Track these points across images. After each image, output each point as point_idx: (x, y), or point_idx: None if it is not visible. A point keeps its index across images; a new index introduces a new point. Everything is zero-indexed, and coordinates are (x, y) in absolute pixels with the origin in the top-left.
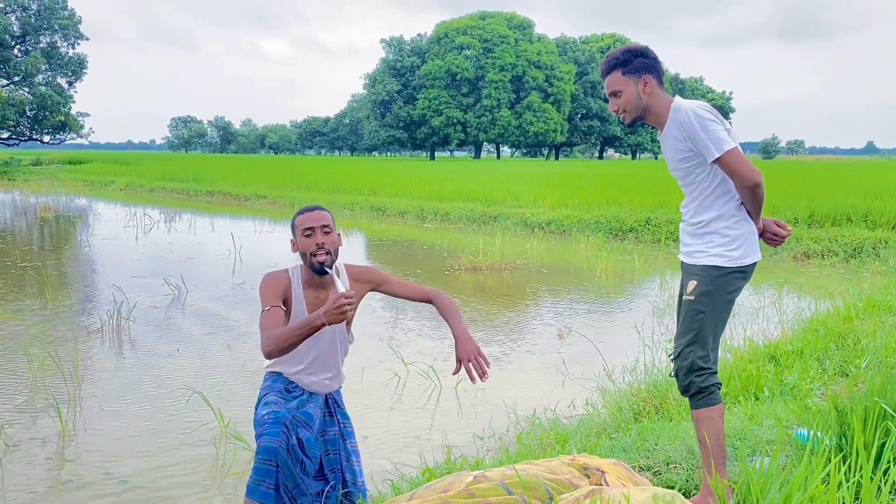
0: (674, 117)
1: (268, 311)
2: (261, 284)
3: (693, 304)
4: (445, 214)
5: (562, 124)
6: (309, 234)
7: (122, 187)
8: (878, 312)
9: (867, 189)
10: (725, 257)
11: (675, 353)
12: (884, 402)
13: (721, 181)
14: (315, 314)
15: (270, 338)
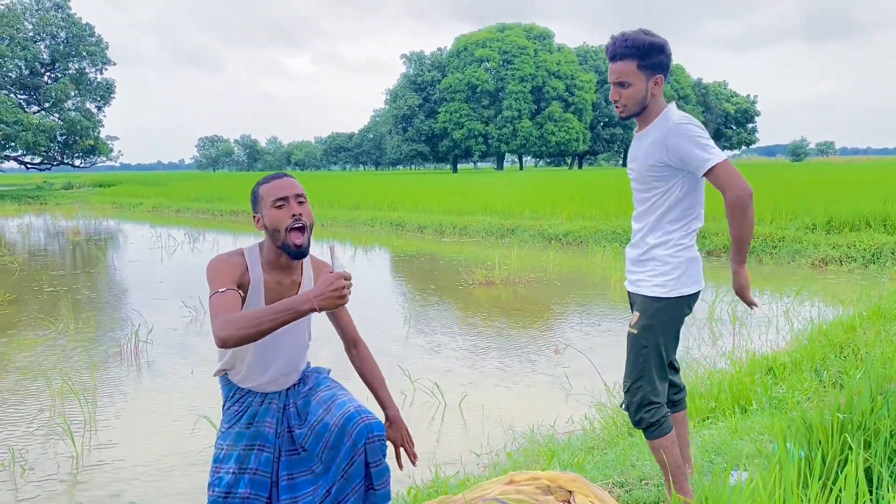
0: (664, 124)
1: (222, 292)
2: (210, 268)
3: (637, 339)
4: (464, 228)
5: (583, 133)
6: (281, 204)
7: (149, 209)
8: (882, 321)
9: (888, 193)
10: (665, 287)
11: (624, 388)
12: (845, 415)
13: (678, 204)
14: (302, 297)
15: (230, 321)
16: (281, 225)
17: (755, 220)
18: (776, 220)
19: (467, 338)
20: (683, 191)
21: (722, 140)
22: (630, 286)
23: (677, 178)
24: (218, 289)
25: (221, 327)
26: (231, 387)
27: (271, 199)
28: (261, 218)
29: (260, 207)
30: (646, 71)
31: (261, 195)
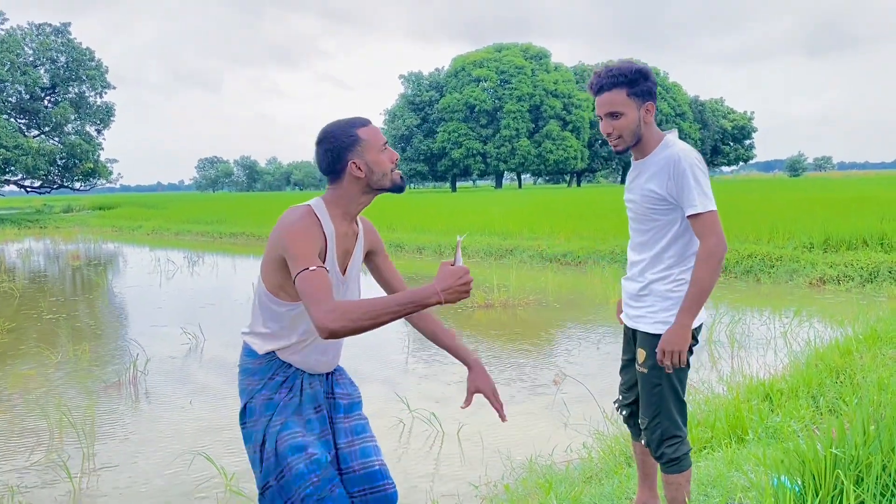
0: (664, 155)
1: (313, 270)
2: (288, 235)
3: (648, 378)
4: (462, 248)
5: (581, 151)
6: (385, 147)
7: (149, 231)
8: (878, 344)
9: (885, 212)
10: (668, 323)
11: (642, 425)
12: (839, 451)
13: (678, 239)
14: (427, 290)
15: (344, 311)
16: (388, 167)
17: (752, 239)
18: (774, 238)
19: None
20: (683, 226)
21: (719, 157)
22: (629, 321)
23: (677, 212)
24: (307, 265)
25: (333, 317)
26: (272, 365)
27: (380, 142)
28: (365, 164)
29: (362, 152)
30: (636, 98)
31: (365, 139)
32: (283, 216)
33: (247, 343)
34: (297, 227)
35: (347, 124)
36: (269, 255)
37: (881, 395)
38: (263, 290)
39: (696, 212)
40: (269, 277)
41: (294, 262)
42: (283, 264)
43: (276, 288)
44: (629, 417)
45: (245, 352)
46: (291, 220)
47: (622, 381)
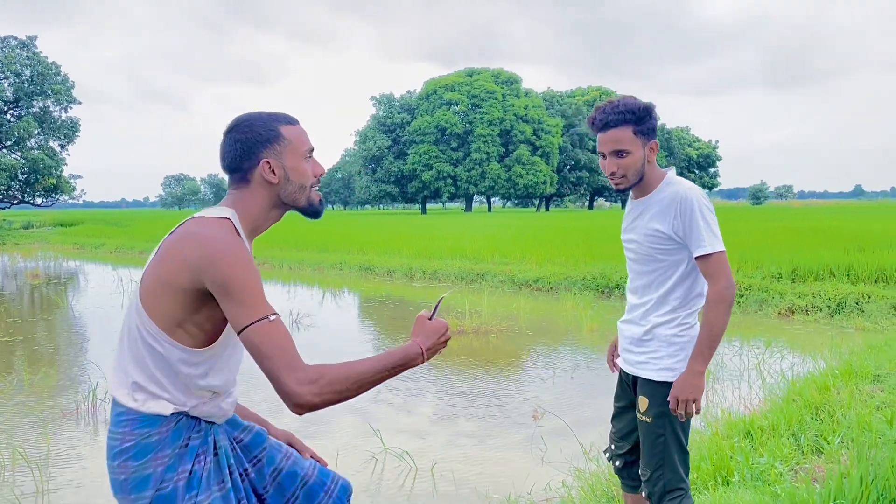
0: (669, 192)
1: (273, 321)
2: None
3: (652, 428)
4: (434, 272)
5: (551, 176)
6: (310, 155)
7: (112, 249)
8: (854, 380)
9: (849, 243)
10: (674, 371)
11: (643, 476)
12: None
13: (684, 281)
14: (412, 350)
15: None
16: (308, 180)
17: None
18: (742, 268)
19: (440, 394)
20: (689, 267)
21: None
22: (628, 367)
23: (683, 252)
24: (264, 312)
25: (315, 389)
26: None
27: (304, 147)
28: (281, 167)
29: (281, 152)
30: (642, 136)
31: (287, 139)
32: (202, 230)
33: (135, 408)
34: (237, 252)
35: (269, 117)
36: (170, 279)
37: (864, 434)
38: (150, 329)
39: (706, 252)
40: (161, 309)
41: (241, 305)
42: (195, 297)
43: (173, 325)
44: (622, 468)
45: (134, 421)
46: (226, 242)
47: (614, 429)
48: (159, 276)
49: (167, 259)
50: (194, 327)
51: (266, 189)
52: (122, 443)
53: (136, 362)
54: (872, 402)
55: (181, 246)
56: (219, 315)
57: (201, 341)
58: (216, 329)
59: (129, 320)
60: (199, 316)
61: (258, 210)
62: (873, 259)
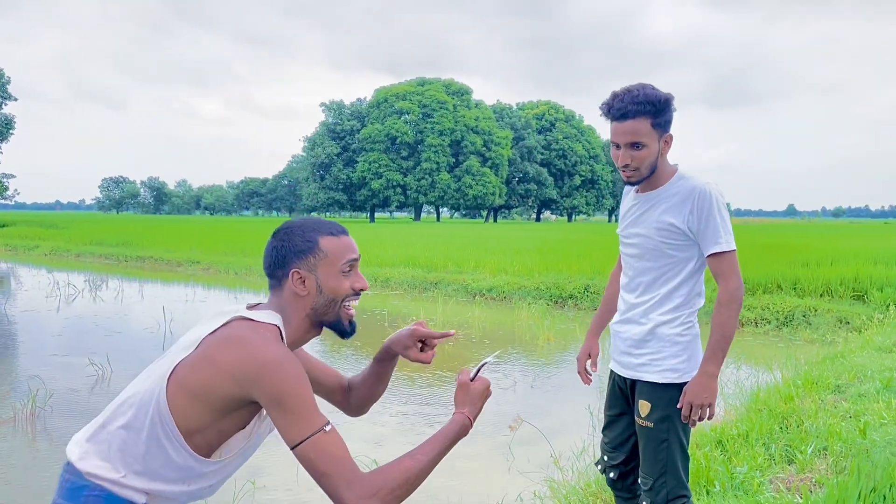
0: (684, 186)
1: (328, 432)
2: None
3: (654, 433)
4: (385, 281)
5: (500, 187)
6: (349, 270)
7: (47, 252)
8: (816, 390)
9: (794, 257)
10: (678, 371)
11: (645, 486)
12: None
13: (691, 278)
14: (460, 422)
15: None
16: (340, 296)
17: None
18: None
19: (400, 403)
20: (698, 264)
21: None
22: (627, 370)
23: (694, 249)
24: (319, 423)
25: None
26: None
27: (343, 260)
28: (315, 280)
29: (317, 265)
30: (659, 129)
31: (324, 250)
32: (253, 338)
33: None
34: (292, 365)
35: (313, 226)
36: (211, 385)
37: (837, 444)
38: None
39: (721, 250)
40: (188, 410)
41: (297, 419)
42: (232, 405)
43: (191, 430)
44: (616, 480)
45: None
46: (279, 354)
47: (607, 439)
48: (199, 378)
49: (210, 363)
50: (212, 434)
51: (298, 301)
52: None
53: (135, 452)
54: (837, 412)
55: (228, 352)
56: (240, 423)
57: (211, 449)
58: (226, 437)
59: (143, 405)
60: (224, 422)
61: (296, 324)
62: (818, 274)
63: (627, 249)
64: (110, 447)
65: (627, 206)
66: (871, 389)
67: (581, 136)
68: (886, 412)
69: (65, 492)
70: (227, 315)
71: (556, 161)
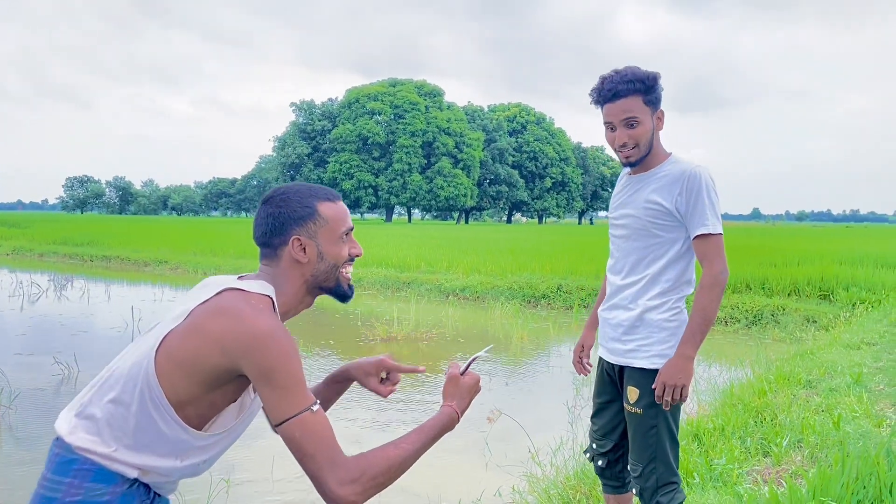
0: (675, 168)
1: (316, 412)
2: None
3: (643, 420)
4: (358, 280)
5: (471, 189)
6: (347, 236)
7: (8, 251)
8: (788, 385)
9: (762, 258)
10: (666, 357)
11: (634, 472)
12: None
13: (679, 260)
14: (448, 415)
15: (372, 475)
16: (340, 261)
17: None
18: None
19: (374, 401)
20: (684, 248)
21: (598, 201)
22: (616, 357)
23: (681, 230)
24: (307, 402)
25: (357, 490)
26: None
27: (343, 228)
28: (316, 246)
29: (317, 231)
30: (651, 106)
31: (324, 217)
32: (244, 309)
33: (100, 463)
34: (284, 338)
35: (308, 192)
36: (199, 356)
37: (811, 435)
38: (159, 399)
39: (707, 232)
40: (177, 382)
41: (285, 394)
42: (221, 377)
43: (182, 402)
44: (605, 468)
45: (90, 472)
46: (271, 326)
47: (595, 426)
48: (187, 349)
49: (199, 333)
50: (203, 406)
51: (296, 268)
52: (66, 496)
53: (120, 426)
54: (810, 406)
55: (217, 323)
56: (230, 397)
57: (202, 421)
58: (218, 410)
59: (130, 378)
60: (214, 395)
61: (291, 293)
62: (786, 273)
63: (616, 231)
64: (100, 421)
65: (619, 188)
66: (842, 384)
67: (552, 138)
68: (858, 405)
69: (54, 466)
70: (217, 286)
71: (527, 163)
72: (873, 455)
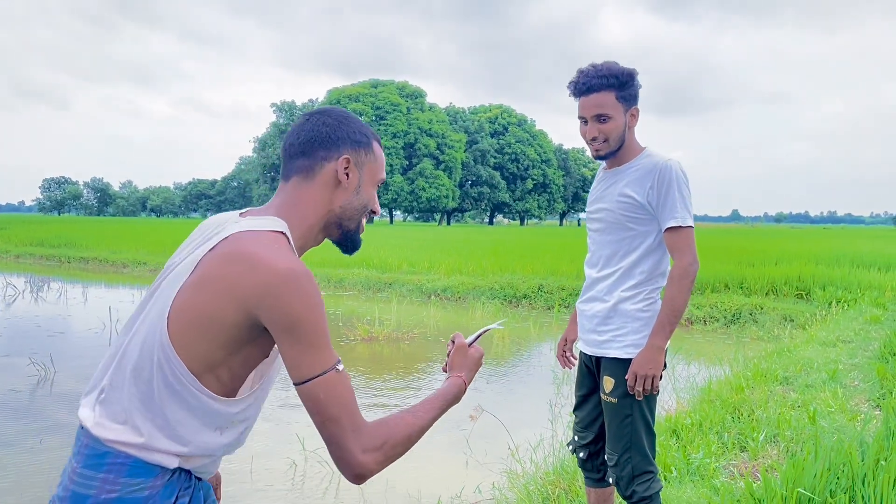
0: (648, 162)
1: (341, 372)
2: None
3: (618, 409)
4: (339, 281)
5: (453, 191)
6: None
7: None
8: (765, 382)
9: (741, 258)
10: (640, 346)
11: (610, 462)
12: (803, 488)
13: (652, 253)
14: (457, 385)
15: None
16: (371, 205)
17: None
18: None
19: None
20: (657, 241)
21: (579, 202)
22: (591, 348)
23: (653, 224)
24: (335, 361)
25: (378, 458)
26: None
27: (382, 174)
28: (359, 176)
29: (365, 164)
30: (624, 102)
31: (374, 154)
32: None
33: (130, 452)
34: (308, 283)
35: (365, 125)
36: (214, 313)
37: (786, 430)
38: (179, 370)
39: (677, 224)
40: (196, 348)
41: (309, 350)
42: (241, 335)
43: (205, 368)
44: (586, 460)
45: (125, 466)
46: (293, 269)
47: (577, 418)
48: (198, 306)
49: (211, 285)
50: (227, 372)
51: (329, 193)
52: (101, 492)
53: (149, 406)
54: (787, 402)
55: (230, 270)
56: (255, 358)
57: (228, 389)
58: (244, 375)
59: (144, 351)
60: (237, 357)
61: (312, 222)
62: (764, 273)
63: (592, 224)
64: (125, 406)
65: (596, 183)
66: (817, 380)
67: (533, 140)
68: (833, 401)
69: (84, 459)
70: (220, 227)
71: (508, 165)
72: (846, 446)
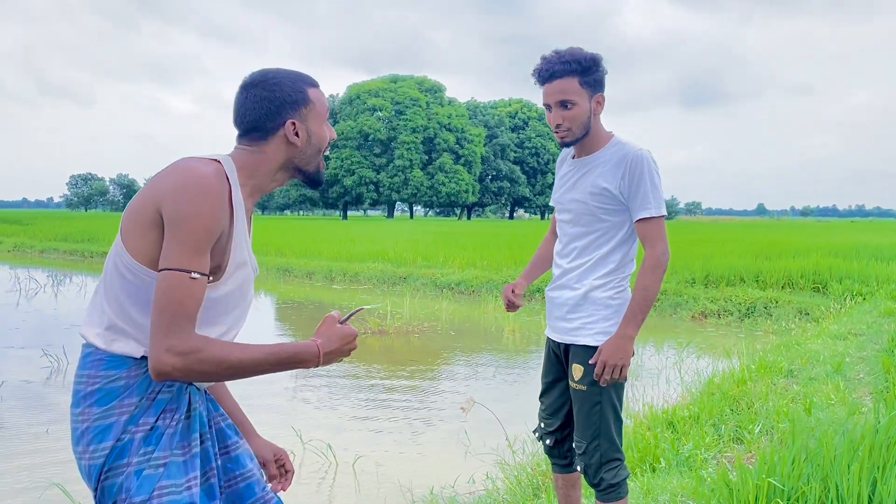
0: (618, 151)
1: (194, 279)
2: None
3: (587, 396)
4: (355, 275)
5: (473, 185)
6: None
7: (9, 248)
8: (769, 374)
9: (758, 251)
10: (609, 334)
11: (579, 449)
12: (774, 479)
13: (623, 244)
14: (309, 349)
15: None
16: (324, 145)
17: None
18: None
19: (360, 392)
20: (629, 230)
21: None
22: (560, 335)
23: (625, 214)
24: (190, 264)
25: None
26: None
27: (326, 111)
28: (305, 129)
29: (307, 116)
30: (588, 88)
31: (313, 102)
32: (182, 166)
33: (103, 348)
34: (205, 188)
35: (297, 77)
36: (142, 211)
37: (781, 422)
38: (129, 263)
39: (650, 215)
40: (139, 243)
41: (178, 246)
42: (160, 225)
43: (149, 262)
44: (553, 447)
45: (101, 361)
46: (198, 175)
47: (543, 406)
48: (135, 207)
49: (145, 190)
50: None
51: (284, 150)
52: (87, 385)
53: (110, 299)
54: (788, 395)
55: (159, 177)
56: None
57: None
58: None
59: (110, 255)
60: None
61: (267, 168)
62: (780, 266)
63: (563, 216)
64: (100, 310)
65: (563, 172)
66: (821, 373)
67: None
68: (834, 394)
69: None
70: None
71: (528, 159)
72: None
